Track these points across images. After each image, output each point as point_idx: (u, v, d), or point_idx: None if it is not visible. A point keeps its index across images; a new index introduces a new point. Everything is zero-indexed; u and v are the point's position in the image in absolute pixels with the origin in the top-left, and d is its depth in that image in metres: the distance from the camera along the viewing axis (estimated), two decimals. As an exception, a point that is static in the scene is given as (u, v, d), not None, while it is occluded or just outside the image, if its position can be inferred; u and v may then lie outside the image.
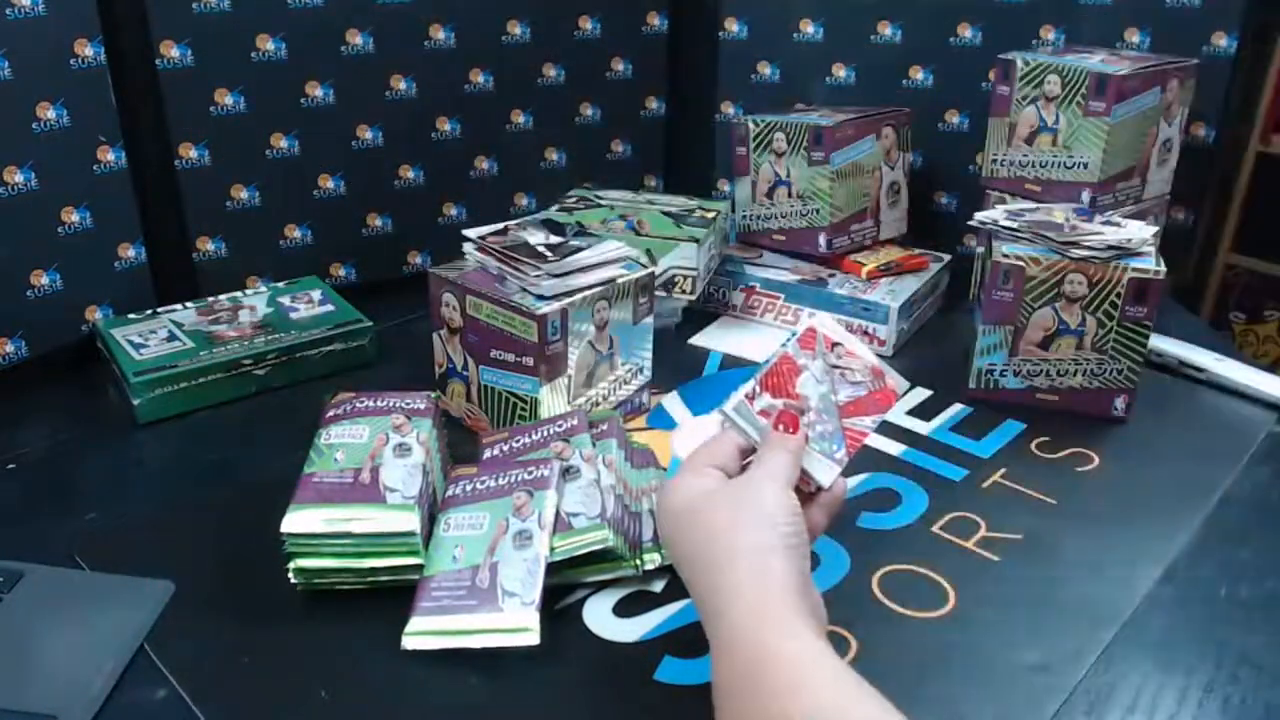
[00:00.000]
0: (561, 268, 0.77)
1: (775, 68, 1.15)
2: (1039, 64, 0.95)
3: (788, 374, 0.60)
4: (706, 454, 0.58)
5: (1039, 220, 0.87)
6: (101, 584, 0.65)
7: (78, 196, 0.89)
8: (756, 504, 0.53)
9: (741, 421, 0.60)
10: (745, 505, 0.53)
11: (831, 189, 1.01)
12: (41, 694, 0.56)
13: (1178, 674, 0.59)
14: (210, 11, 0.92)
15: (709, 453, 0.58)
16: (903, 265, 1.02)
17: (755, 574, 0.50)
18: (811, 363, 0.60)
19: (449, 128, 1.08)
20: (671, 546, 0.56)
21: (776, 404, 0.60)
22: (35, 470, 0.78)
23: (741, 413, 0.60)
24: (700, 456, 0.58)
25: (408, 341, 0.96)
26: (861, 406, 0.60)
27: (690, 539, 0.54)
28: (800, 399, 0.60)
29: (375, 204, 1.07)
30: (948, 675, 0.59)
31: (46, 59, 0.84)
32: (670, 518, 0.56)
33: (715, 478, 0.56)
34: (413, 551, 0.63)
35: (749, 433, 0.60)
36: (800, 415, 0.59)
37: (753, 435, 0.59)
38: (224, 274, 1.01)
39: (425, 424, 0.70)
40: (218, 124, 0.96)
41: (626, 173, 1.20)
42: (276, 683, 0.58)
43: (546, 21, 1.09)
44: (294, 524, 0.62)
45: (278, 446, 0.74)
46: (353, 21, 0.99)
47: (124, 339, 0.89)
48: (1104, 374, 0.85)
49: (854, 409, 0.60)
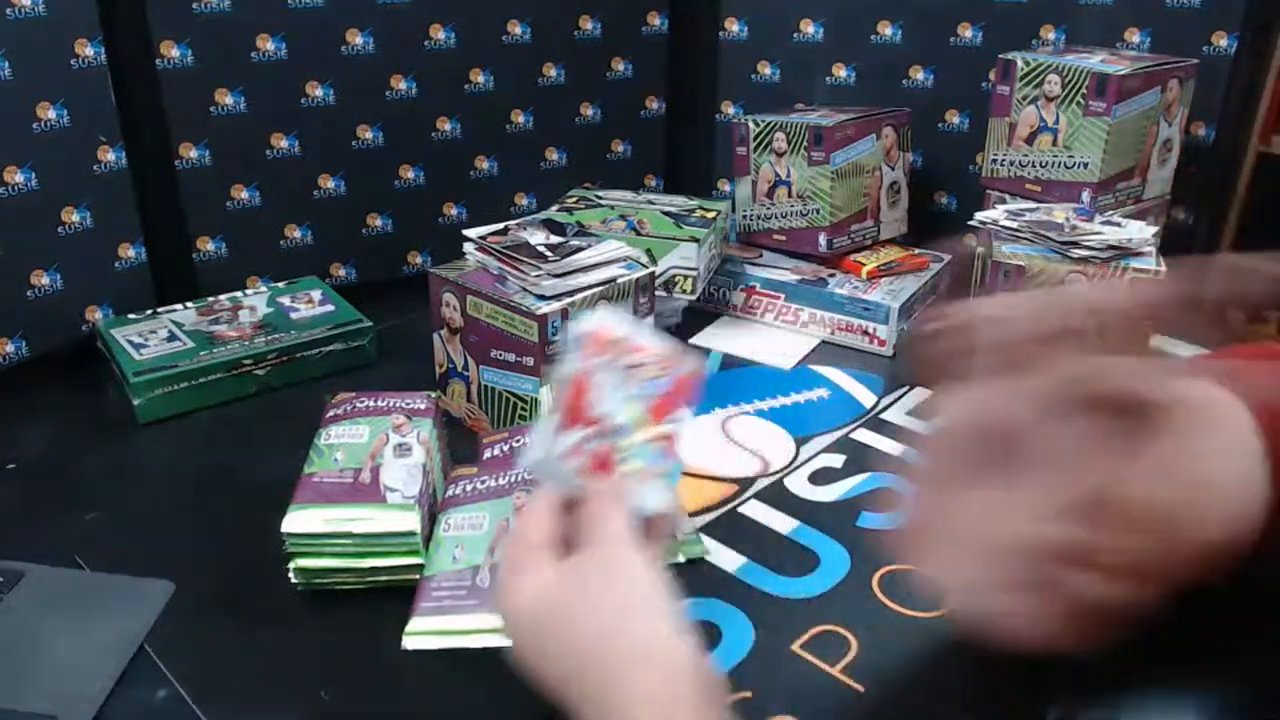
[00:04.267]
0: (562, 268, 0.77)
1: (775, 68, 1.15)
2: (1039, 64, 0.95)
3: (581, 395, 0.53)
4: (527, 534, 0.50)
5: (1039, 220, 0.87)
6: (101, 584, 0.65)
7: (78, 196, 0.89)
8: (626, 586, 0.47)
9: (552, 474, 0.52)
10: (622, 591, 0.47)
11: (831, 189, 1.01)
12: (41, 694, 0.56)
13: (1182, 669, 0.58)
14: (210, 11, 0.92)
15: (529, 532, 0.50)
16: (903, 265, 1.02)
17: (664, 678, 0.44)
18: (602, 374, 0.53)
19: (449, 128, 1.08)
20: (534, 653, 0.48)
21: (583, 436, 0.52)
22: (35, 470, 0.78)
23: (547, 463, 0.52)
24: (521, 541, 0.50)
25: (408, 341, 0.96)
26: (668, 403, 0.54)
27: (563, 642, 0.46)
28: (604, 420, 0.52)
29: (375, 204, 1.07)
30: (947, 675, 0.59)
31: (46, 59, 0.84)
32: (525, 620, 0.48)
33: (548, 560, 0.49)
34: (413, 551, 0.63)
35: (564, 483, 0.52)
36: (610, 445, 0.52)
37: (569, 484, 0.52)
38: (224, 274, 1.01)
39: (425, 424, 0.70)
40: (218, 124, 0.96)
41: (626, 173, 1.20)
42: (276, 683, 0.58)
43: (546, 21, 1.09)
44: (294, 524, 0.62)
45: (278, 446, 0.74)
46: (353, 21, 0.99)
47: (124, 339, 0.89)
48: (1104, 374, 0.84)
49: (662, 407, 0.53)
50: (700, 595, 0.63)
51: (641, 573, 0.47)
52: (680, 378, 0.54)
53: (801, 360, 0.96)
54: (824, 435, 0.83)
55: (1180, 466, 0.45)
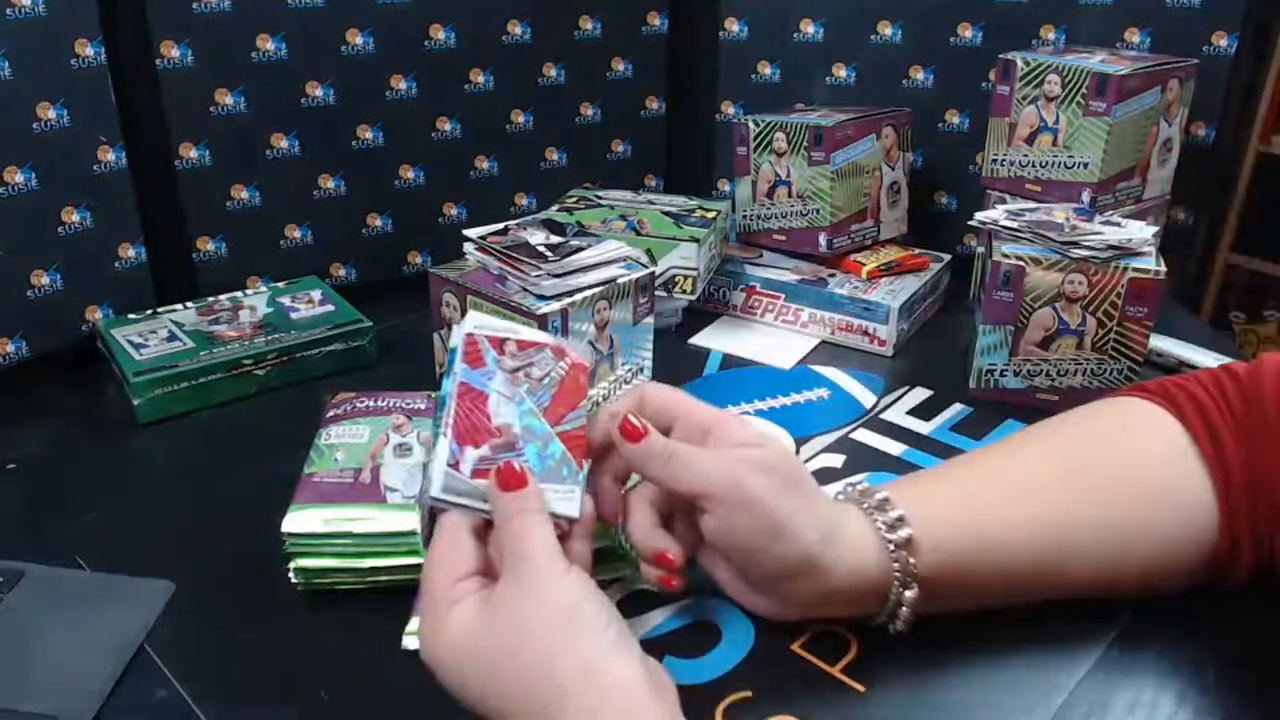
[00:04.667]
0: (562, 268, 0.77)
1: (775, 68, 1.15)
2: (1039, 64, 0.95)
3: (475, 407, 0.50)
4: (444, 566, 0.49)
5: (1039, 220, 0.87)
6: (101, 584, 0.65)
7: (78, 196, 0.89)
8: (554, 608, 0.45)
9: (460, 499, 0.50)
10: (546, 615, 0.45)
11: (832, 189, 1.01)
12: (41, 694, 0.56)
13: (1183, 669, 0.59)
14: (210, 11, 0.92)
15: (446, 562, 0.49)
16: (903, 265, 1.02)
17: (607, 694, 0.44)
18: (491, 380, 0.51)
19: (449, 128, 1.08)
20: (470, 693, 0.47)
21: (485, 452, 0.50)
22: (35, 470, 0.78)
23: (453, 488, 0.49)
24: (440, 572, 0.48)
25: (408, 341, 0.96)
26: (563, 399, 0.52)
27: (496, 679, 0.45)
28: (504, 431, 0.50)
29: (375, 204, 1.07)
30: (947, 675, 0.59)
31: (46, 59, 0.84)
32: (453, 661, 0.47)
33: (472, 591, 0.48)
34: (413, 551, 0.63)
35: (474, 507, 0.50)
36: (518, 457, 0.50)
37: (479, 507, 0.50)
38: (224, 274, 1.01)
39: (425, 424, 0.70)
40: (218, 124, 0.96)
41: (626, 173, 1.20)
42: (276, 683, 0.58)
43: (546, 21, 1.09)
44: (294, 524, 0.62)
45: (277, 446, 0.74)
46: (353, 21, 0.99)
47: (124, 339, 0.89)
48: (1104, 374, 0.85)
49: (558, 404, 0.51)
50: (700, 595, 0.63)
51: (568, 593, 0.46)
52: (572, 366, 0.52)
53: (801, 360, 0.96)
54: (824, 435, 0.83)
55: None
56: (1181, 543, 0.58)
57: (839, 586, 0.54)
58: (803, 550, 0.53)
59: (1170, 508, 0.58)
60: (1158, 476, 0.59)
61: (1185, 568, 0.58)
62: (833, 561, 0.53)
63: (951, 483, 0.61)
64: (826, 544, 0.53)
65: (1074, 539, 0.58)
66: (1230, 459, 0.57)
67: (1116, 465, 0.60)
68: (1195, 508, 0.58)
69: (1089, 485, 0.59)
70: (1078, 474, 0.60)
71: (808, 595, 0.55)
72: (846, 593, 0.55)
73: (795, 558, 0.53)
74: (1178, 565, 0.58)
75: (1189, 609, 0.63)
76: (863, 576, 0.54)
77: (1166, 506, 0.58)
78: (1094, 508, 0.58)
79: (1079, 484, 0.59)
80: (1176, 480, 0.58)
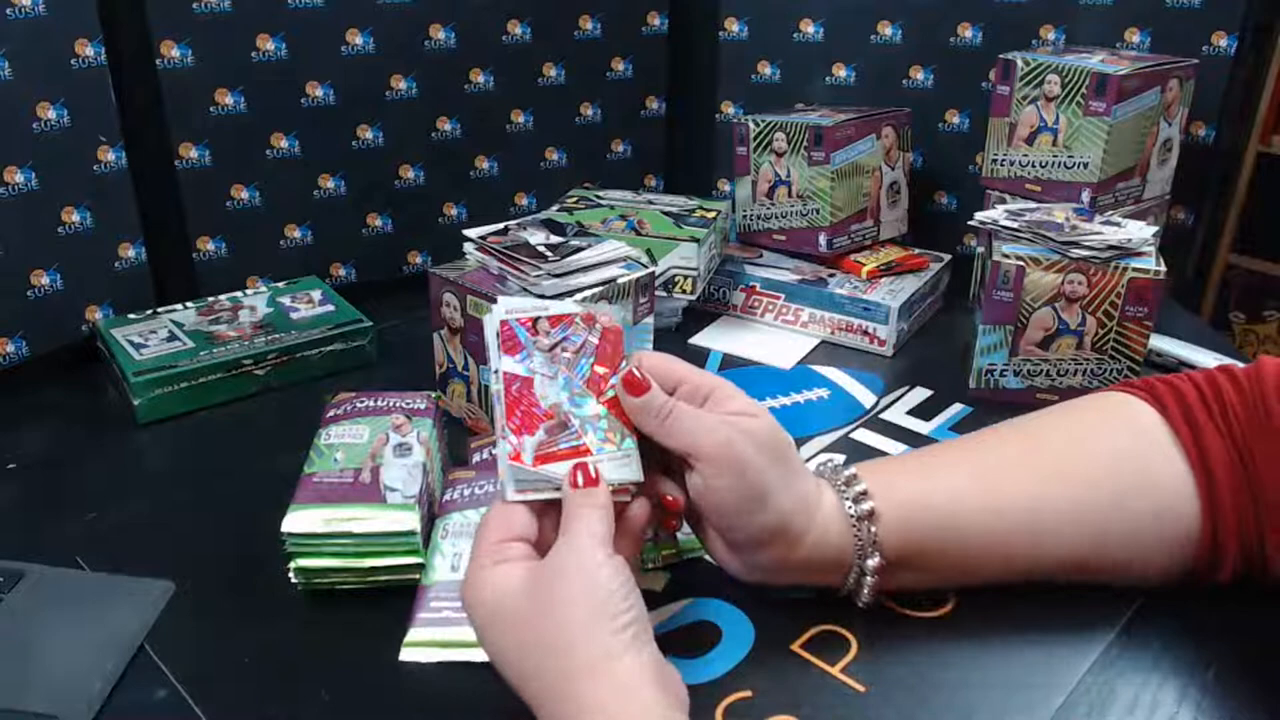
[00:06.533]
0: (562, 268, 0.77)
1: (775, 68, 1.15)
2: (1039, 64, 0.95)
3: (523, 395, 0.51)
4: (500, 525, 0.52)
5: (1039, 220, 0.87)
6: (101, 584, 0.65)
7: (78, 196, 0.89)
8: (585, 592, 0.48)
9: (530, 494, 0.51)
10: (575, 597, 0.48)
11: (831, 189, 1.01)
12: (42, 694, 0.56)
13: (1183, 668, 0.59)
14: (210, 11, 0.92)
15: (503, 523, 0.52)
16: (903, 265, 1.02)
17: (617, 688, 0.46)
18: (532, 362, 0.52)
19: (449, 128, 1.08)
20: (494, 649, 0.50)
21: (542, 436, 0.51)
22: (35, 470, 0.78)
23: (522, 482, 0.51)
24: (492, 531, 0.51)
25: (408, 341, 0.97)
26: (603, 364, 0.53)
27: (520, 643, 0.48)
28: (554, 412, 0.52)
29: (375, 204, 1.07)
30: (947, 675, 0.59)
31: (46, 59, 0.84)
32: (485, 615, 0.50)
33: (520, 555, 0.51)
34: (413, 551, 0.63)
35: (545, 497, 0.52)
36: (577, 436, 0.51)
37: (549, 497, 0.52)
38: (224, 274, 1.01)
39: (425, 424, 0.70)
40: (218, 124, 0.96)
41: (626, 173, 1.20)
42: (276, 683, 0.58)
43: (546, 21, 1.09)
44: (294, 524, 0.62)
45: (278, 446, 0.74)
46: (353, 21, 0.99)
47: (124, 339, 0.89)
48: (1104, 374, 0.85)
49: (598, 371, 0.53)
50: (700, 595, 0.63)
51: (602, 582, 0.48)
52: (605, 331, 0.54)
53: (801, 360, 0.96)
54: (824, 435, 0.83)
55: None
56: (1159, 528, 0.58)
57: (805, 555, 0.57)
58: (779, 520, 0.55)
59: (1146, 489, 0.58)
60: (1132, 462, 0.59)
61: (1165, 555, 0.59)
62: (800, 531, 0.56)
63: (921, 464, 0.63)
64: (799, 515, 0.56)
65: (1045, 519, 0.59)
66: (1212, 450, 0.58)
67: (1089, 449, 0.61)
68: (1173, 493, 0.58)
69: (1060, 466, 0.60)
70: (1049, 455, 0.61)
71: (775, 562, 0.57)
72: (813, 562, 0.57)
73: (772, 525, 0.55)
74: (1156, 551, 0.59)
75: (1189, 608, 0.63)
76: (827, 547, 0.57)
77: (1141, 489, 0.59)
78: (1066, 488, 0.59)
79: (1049, 465, 0.60)
80: (1153, 465, 0.59)
